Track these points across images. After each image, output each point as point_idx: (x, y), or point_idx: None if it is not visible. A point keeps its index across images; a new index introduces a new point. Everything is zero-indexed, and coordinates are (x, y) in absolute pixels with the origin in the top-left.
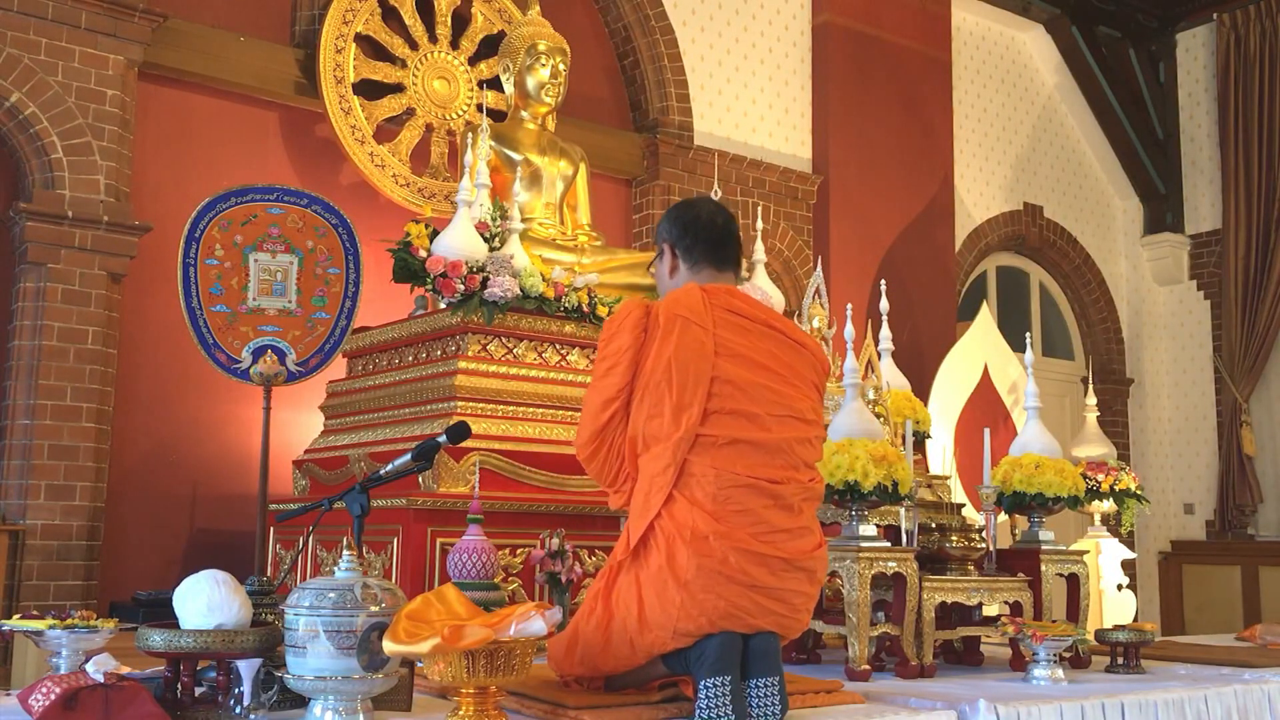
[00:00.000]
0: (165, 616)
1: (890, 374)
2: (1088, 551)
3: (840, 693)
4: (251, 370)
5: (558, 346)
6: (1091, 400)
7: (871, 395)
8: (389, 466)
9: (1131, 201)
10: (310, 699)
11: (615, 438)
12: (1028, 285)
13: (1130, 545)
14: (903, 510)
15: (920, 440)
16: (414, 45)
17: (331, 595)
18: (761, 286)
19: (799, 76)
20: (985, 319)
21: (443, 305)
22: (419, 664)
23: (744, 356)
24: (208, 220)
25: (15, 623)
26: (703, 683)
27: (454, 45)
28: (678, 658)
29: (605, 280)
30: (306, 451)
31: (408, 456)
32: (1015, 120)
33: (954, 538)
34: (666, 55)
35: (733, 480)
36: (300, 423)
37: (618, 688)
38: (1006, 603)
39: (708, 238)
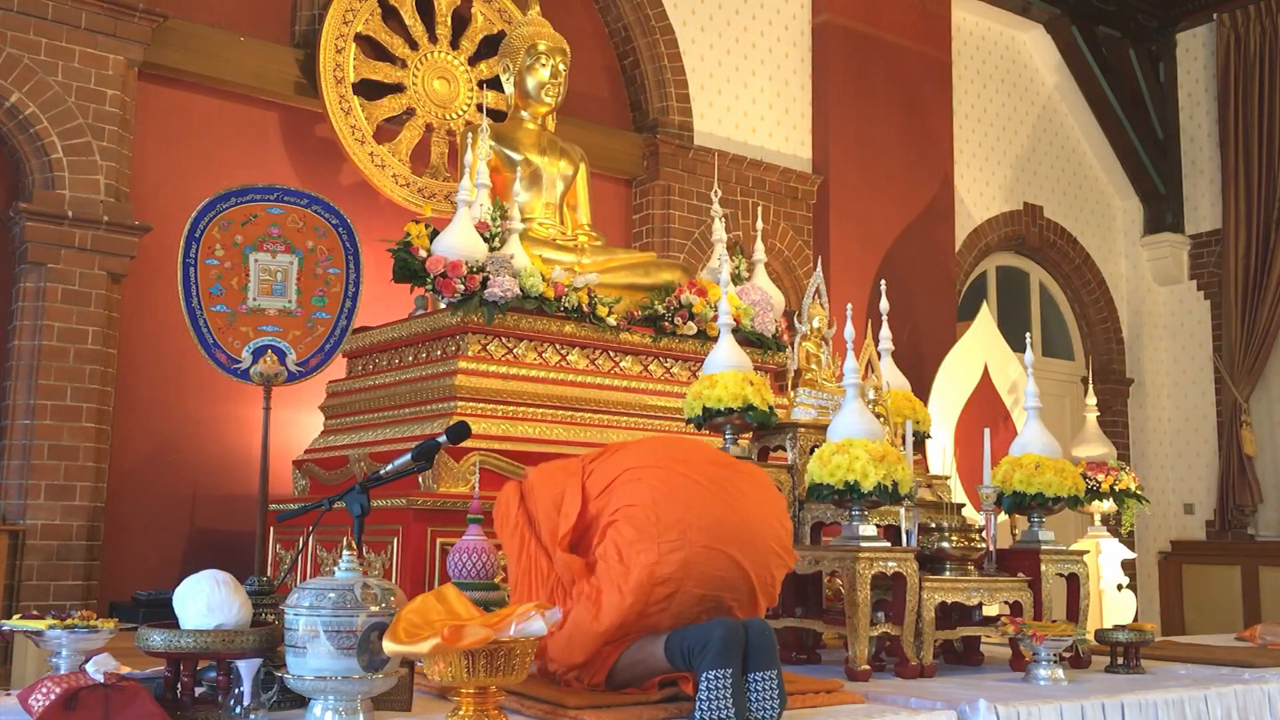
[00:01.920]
0: (165, 616)
1: (890, 374)
2: (1088, 551)
3: (840, 693)
4: (251, 370)
5: (558, 346)
6: (1091, 400)
7: (871, 395)
8: (389, 466)
9: (1131, 201)
10: (310, 699)
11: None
12: (1028, 285)
13: (1130, 545)
14: (903, 510)
15: (920, 440)
16: (414, 45)
17: (331, 595)
18: (761, 286)
19: (799, 76)
20: (985, 319)
21: (443, 305)
22: (419, 664)
23: None
24: (208, 220)
25: (15, 623)
26: (704, 675)
27: (454, 45)
28: (679, 650)
29: (605, 280)
30: (306, 451)
31: (408, 456)
32: (1015, 120)
33: (954, 538)
34: (666, 55)
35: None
36: (300, 423)
37: (618, 685)
38: (1006, 603)
39: None
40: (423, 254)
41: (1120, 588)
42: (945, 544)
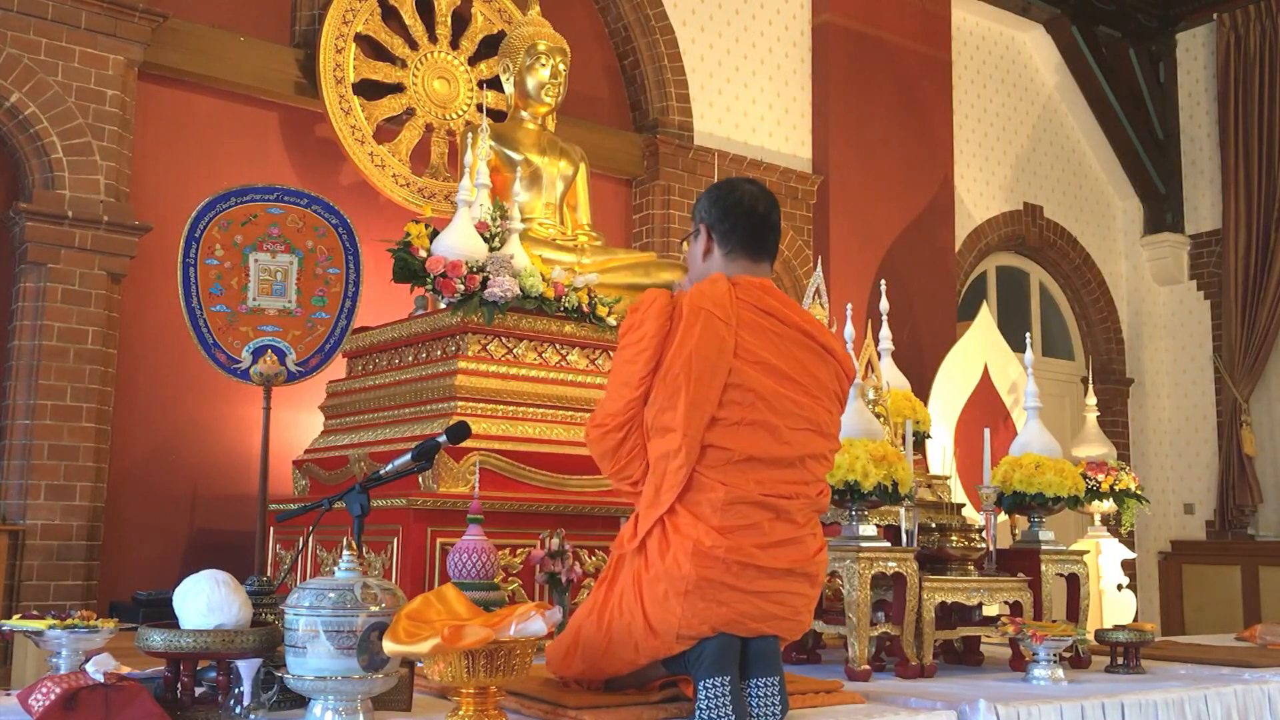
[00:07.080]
0: (165, 616)
1: (890, 374)
2: (1088, 551)
3: (840, 693)
4: (251, 370)
5: (558, 346)
6: (1091, 400)
7: (871, 395)
8: (389, 466)
9: (1131, 201)
10: (310, 699)
11: (634, 429)
12: (1028, 285)
13: (1130, 545)
14: (903, 510)
15: (920, 440)
16: (414, 45)
17: (331, 595)
18: None
19: (799, 76)
20: (985, 319)
21: (443, 305)
22: (419, 664)
23: (766, 363)
24: (208, 220)
25: (15, 623)
26: (702, 683)
27: (454, 45)
28: (677, 658)
29: (605, 280)
30: (306, 451)
31: (408, 456)
32: (1015, 120)
33: (954, 538)
34: (666, 55)
35: (742, 497)
36: (300, 423)
37: (618, 688)
38: (1006, 603)
39: (747, 225)
40: (423, 254)
41: (1120, 588)
42: (945, 544)
